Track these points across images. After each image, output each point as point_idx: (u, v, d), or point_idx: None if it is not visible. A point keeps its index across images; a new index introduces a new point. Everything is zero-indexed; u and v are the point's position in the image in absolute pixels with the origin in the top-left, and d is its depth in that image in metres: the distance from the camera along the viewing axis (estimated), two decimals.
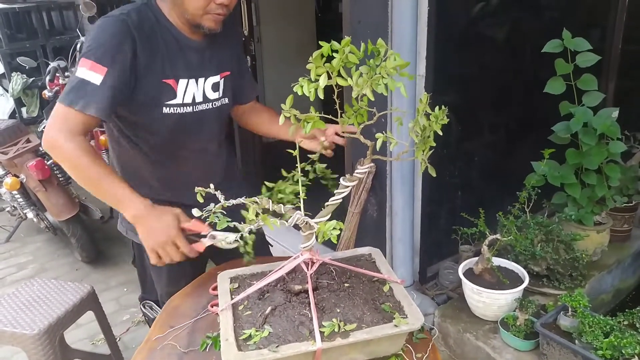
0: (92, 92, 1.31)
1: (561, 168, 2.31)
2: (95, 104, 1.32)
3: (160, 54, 1.42)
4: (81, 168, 1.32)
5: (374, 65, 0.99)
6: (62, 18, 6.08)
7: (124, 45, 1.34)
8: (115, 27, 1.35)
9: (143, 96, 1.41)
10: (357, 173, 1.19)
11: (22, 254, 3.66)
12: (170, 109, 1.47)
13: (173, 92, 1.45)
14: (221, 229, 1.15)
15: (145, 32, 1.39)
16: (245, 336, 1.14)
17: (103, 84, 1.31)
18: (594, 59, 2.24)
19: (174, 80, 1.45)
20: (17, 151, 3.20)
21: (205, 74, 1.52)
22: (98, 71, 1.31)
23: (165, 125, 1.49)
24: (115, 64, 1.33)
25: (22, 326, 1.88)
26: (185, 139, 1.55)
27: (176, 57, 1.45)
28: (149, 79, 1.41)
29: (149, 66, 1.40)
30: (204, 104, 1.53)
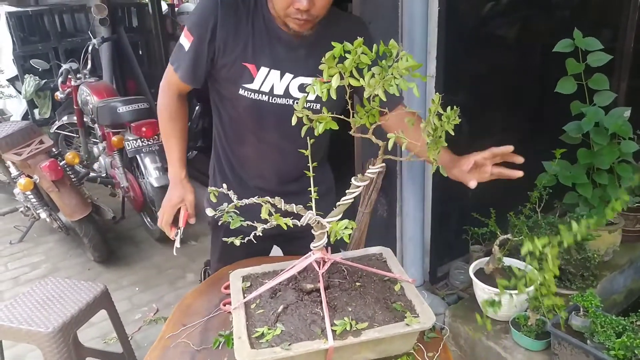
0: (182, 56, 1.49)
1: (572, 168, 2.30)
2: (183, 68, 1.50)
3: (245, 37, 1.45)
4: (161, 120, 1.65)
5: (386, 66, 1.00)
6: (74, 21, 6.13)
7: (207, 21, 1.44)
8: (206, 2, 1.46)
9: (225, 72, 1.50)
10: (368, 173, 1.19)
11: (35, 254, 3.70)
12: (246, 92, 1.49)
13: (251, 76, 1.47)
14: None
15: (233, 13, 1.44)
16: (258, 334, 1.15)
17: (189, 50, 1.47)
18: (605, 58, 2.23)
19: (254, 65, 1.47)
20: (30, 152, 3.24)
21: (295, 72, 1.48)
22: (188, 38, 1.47)
23: (241, 107, 1.54)
24: (198, 35, 1.45)
25: (37, 324, 1.91)
26: (257, 127, 1.56)
27: (263, 45, 1.46)
28: (230, 59, 1.47)
29: (229, 46, 1.45)
30: (284, 98, 1.50)
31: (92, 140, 4.32)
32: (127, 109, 3.45)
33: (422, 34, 1.97)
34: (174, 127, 1.64)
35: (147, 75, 4.98)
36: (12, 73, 5.84)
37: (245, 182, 1.68)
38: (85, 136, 4.36)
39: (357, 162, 2.46)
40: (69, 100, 4.35)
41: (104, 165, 4.04)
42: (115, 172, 3.74)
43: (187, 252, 3.57)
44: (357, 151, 2.42)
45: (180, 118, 1.64)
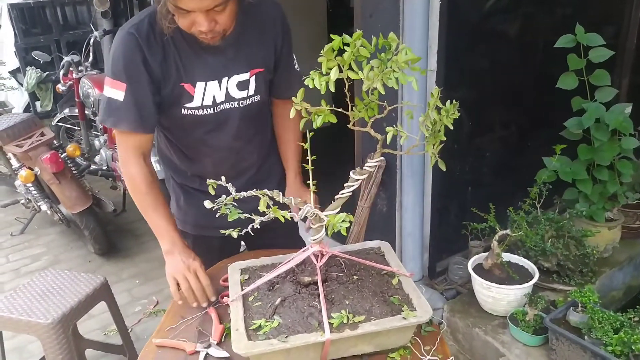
0: (118, 108, 1.39)
1: (573, 164, 2.30)
2: (125, 119, 1.40)
3: (174, 59, 1.41)
4: (137, 194, 1.48)
5: (385, 59, 1.00)
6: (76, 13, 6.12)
7: (135, 60, 1.37)
8: (124, 43, 1.37)
9: (166, 98, 1.46)
10: (366, 167, 1.19)
11: (36, 246, 3.71)
12: (188, 111, 1.48)
13: (189, 95, 1.45)
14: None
15: (154, 41, 1.38)
16: (255, 326, 1.16)
17: (126, 99, 1.38)
18: (607, 54, 2.23)
19: (190, 84, 1.44)
20: (31, 144, 3.25)
21: (230, 73, 1.47)
22: (118, 88, 1.37)
23: (188, 124, 1.52)
24: (131, 78, 1.37)
25: (36, 315, 1.92)
26: (207, 137, 1.55)
27: (191, 61, 1.43)
28: (167, 85, 1.43)
29: (164, 73, 1.41)
30: (227, 102, 1.50)
31: (94, 133, 4.32)
32: None
33: (423, 28, 1.97)
34: (156, 197, 1.49)
35: None
36: (14, 65, 5.85)
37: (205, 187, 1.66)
38: (87, 129, 4.36)
39: (357, 155, 2.46)
40: (70, 92, 4.34)
41: (105, 158, 4.04)
42: (116, 165, 3.75)
43: None
44: (357, 145, 2.42)
45: (157, 184, 1.51)
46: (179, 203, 1.73)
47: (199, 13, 1.26)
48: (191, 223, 1.72)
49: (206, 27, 1.28)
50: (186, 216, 1.72)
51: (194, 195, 1.68)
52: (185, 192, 1.71)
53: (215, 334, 1.30)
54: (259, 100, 1.56)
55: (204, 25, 1.28)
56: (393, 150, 1.24)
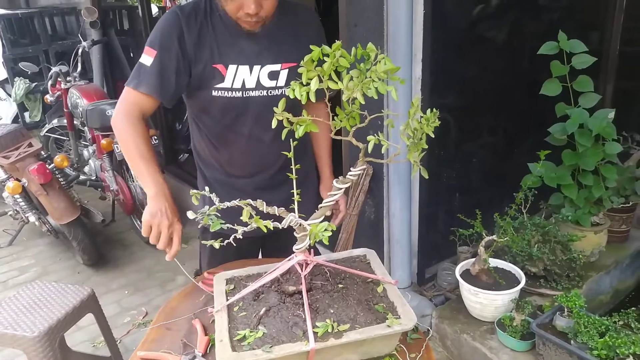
0: (144, 72, 1.49)
1: (558, 169, 2.32)
2: (146, 82, 1.49)
3: (209, 41, 1.51)
4: (124, 141, 1.50)
5: (364, 69, 1.01)
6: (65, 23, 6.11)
7: (171, 33, 1.48)
8: (167, 18, 1.51)
9: (197, 80, 1.54)
10: (349, 175, 1.20)
11: (24, 257, 3.68)
12: (219, 92, 1.54)
13: (221, 76, 1.52)
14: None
15: (194, 22, 1.50)
16: (240, 337, 1.16)
17: (153, 65, 1.48)
18: (590, 60, 2.26)
19: (223, 65, 1.51)
20: (19, 155, 3.22)
21: (262, 62, 1.54)
22: (149, 54, 1.49)
23: (217, 108, 1.59)
24: (163, 48, 1.48)
25: (22, 328, 1.90)
26: (235, 123, 1.61)
27: (227, 44, 1.52)
28: (201, 65, 1.51)
29: (198, 53, 1.50)
30: (256, 90, 1.55)
31: (82, 143, 4.31)
32: None
33: (406, 37, 1.98)
34: (142, 147, 1.49)
35: None
36: (2, 76, 5.82)
37: (232, 187, 1.71)
38: (75, 139, 4.35)
39: (345, 163, 2.47)
40: (59, 103, 4.33)
41: (93, 169, 4.03)
42: (105, 175, 3.73)
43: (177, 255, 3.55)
44: (344, 153, 2.43)
45: (146, 136, 1.52)
46: (205, 198, 1.74)
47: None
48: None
49: (253, 9, 1.39)
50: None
51: (216, 191, 1.69)
52: (212, 187, 1.71)
53: (200, 345, 1.30)
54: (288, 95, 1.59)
55: (252, 7, 1.39)
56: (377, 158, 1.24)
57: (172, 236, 1.47)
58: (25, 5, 6.67)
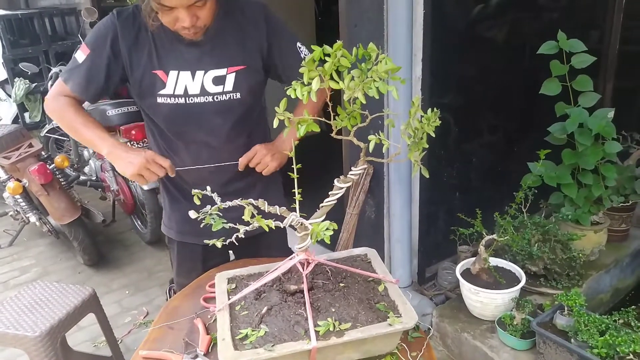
0: (74, 68, 1.52)
1: (557, 168, 2.32)
2: (73, 78, 1.52)
3: (148, 46, 1.49)
4: (65, 119, 1.54)
5: (365, 69, 1.01)
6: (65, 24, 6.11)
7: (105, 34, 1.49)
8: (104, 21, 1.52)
9: (137, 86, 1.54)
10: (350, 175, 1.21)
11: (25, 258, 3.69)
12: (163, 99, 1.53)
13: (162, 82, 1.51)
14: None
15: (131, 25, 1.49)
16: (242, 336, 1.16)
17: (83, 62, 1.50)
18: (589, 60, 2.26)
19: (163, 71, 1.50)
20: (19, 156, 3.23)
21: (204, 67, 1.52)
22: (84, 51, 1.51)
23: (162, 115, 1.58)
24: (95, 48, 1.49)
25: (24, 328, 1.91)
26: (182, 130, 1.59)
27: (166, 50, 1.50)
28: (139, 70, 1.51)
29: (135, 59, 1.50)
30: (201, 96, 1.53)
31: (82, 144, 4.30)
32: (116, 112, 3.45)
33: (406, 37, 1.99)
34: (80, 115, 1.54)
35: None
36: (2, 76, 5.82)
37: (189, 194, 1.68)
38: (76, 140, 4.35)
39: (345, 163, 2.47)
40: None
41: (94, 169, 4.03)
42: (105, 175, 3.74)
43: None
44: (344, 152, 2.44)
45: (81, 108, 1.58)
46: (165, 208, 1.76)
47: (181, 9, 1.35)
48: (175, 229, 1.74)
49: (188, 22, 1.37)
50: (170, 221, 1.74)
51: (178, 200, 1.71)
52: (171, 196, 1.74)
53: (202, 344, 1.30)
54: (239, 98, 1.57)
55: (186, 20, 1.37)
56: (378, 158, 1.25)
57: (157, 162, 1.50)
58: (25, 6, 6.67)
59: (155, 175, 1.50)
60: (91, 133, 1.53)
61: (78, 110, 1.55)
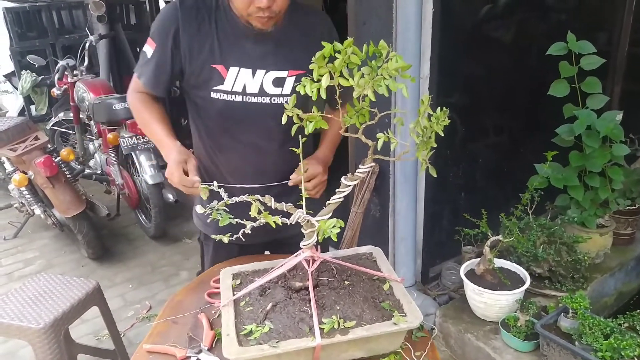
0: (145, 63, 1.51)
1: (564, 170, 2.31)
2: (145, 74, 1.52)
3: (211, 39, 1.44)
4: (138, 114, 1.57)
5: (375, 66, 1.01)
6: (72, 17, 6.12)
7: (168, 27, 1.45)
8: (165, 10, 1.49)
9: (194, 78, 1.49)
10: (358, 173, 1.20)
11: (29, 250, 3.70)
12: (218, 94, 1.48)
13: (221, 77, 1.46)
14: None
15: (195, 17, 1.44)
16: (246, 331, 1.16)
17: (151, 57, 1.49)
18: (598, 61, 2.25)
19: (223, 66, 1.45)
20: (25, 148, 3.24)
21: (267, 67, 1.47)
22: (151, 45, 1.48)
23: (215, 110, 1.53)
24: (160, 41, 1.47)
25: (28, 320, 1.91)
26: (234, 129, 1.54)
27: (229, 44, 1.45)
28: (198, 62, 1.46)
29: (195, 51, 1.45)
30: (258, 96, 1.48)
31: (88, 137, 4.32)
32: (123, 106, 3.45)
33: (415, 35, 1.98)
34: (153, 111, 1.55)
35: None
36: (9, 69, 5.84)
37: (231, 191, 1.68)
38: (81, 133, 4.36)
39: (351, 161, 2.47)
40: (65, 96, 4.34)
41: (99, 162, 4.04)
42: (111, 169, 3.75)
43: (181, 250, 3.57)
44: (350, 150, 2.43)
45: (156, 105, 1.58)
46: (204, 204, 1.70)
47: None
48: (213, 227, 1.71)
49: (265, 2, 1.31)
50: (207, 219, 1.69)
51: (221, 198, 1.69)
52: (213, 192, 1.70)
53: (206, 339, 1.30)
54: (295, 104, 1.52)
55: (264, 0, 1.31)
56: (385, 156, 1.25)
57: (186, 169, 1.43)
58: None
59: (178, 183, 1.42)
60: (158, 132, 1.53)
61: (151, 106, 1.56)
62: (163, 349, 1.31)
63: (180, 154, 1.44)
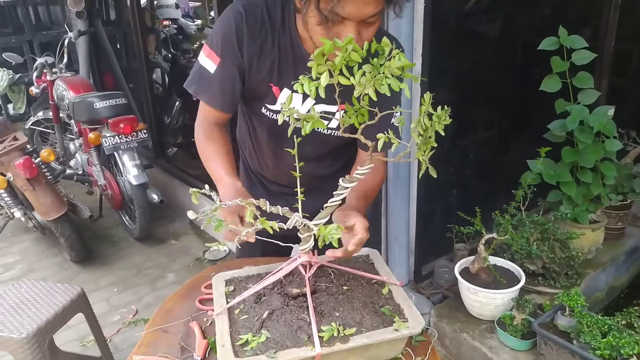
0: (205, 79, 1.38)
1: (557, 166, 2.30)
2: (207, 92, 1.40)
3: (271, 57, 1.36)
4: (202, 151, 1.45)
5: (377, 64, 0.96)
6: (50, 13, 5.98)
7: (232, 38, 1.34)
8: (230, 19, 1.35)
9: (251, 92, 1.43)
10: (356, 174, 1.16)
11: (9, 254, 3.59)
12: (268, 112, 1.44)
13: (274, 97, 1.41)
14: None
15: (259, 31, 1.33)
16: (242, 341, 1.11)
17: (215, 74, 1.36)
18: (590, 56, 2.24)
19: (278, 88, 1.40)
20: (3, 149, 3.13)
21: (317, 99, 1.31)
22: (212, 59, 1.36)
23: (262, 123, 1.50)
24: (225, 55, 1.35)
25: (9, 330, 1.83)
26: (275, 144, 1.52)
27: (287, 66, 1.37)
28: (257, 79, 1.39)
29: (254, 66, 1.37)
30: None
31: (69, 137, 4.21)
32: (104, 105, 3.36)
33: (408, 30, 1.94)
34: (214, 149, 1.43)
35: (125, 69, 4.87)
36: None
37: (266, 185, 1.68)
38: (62, 132, 4.25)
39: None
40: (44, 95, 4.23)
41: (80, 163, 3.94)
42: (93, 169, 3.65)
43: (167, 251, 3.50)
44: None
45: (220, 140, 1.45)
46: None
47: (351, 23, 1.15)
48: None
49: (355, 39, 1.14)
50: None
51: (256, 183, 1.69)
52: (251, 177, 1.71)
53: (199, 349, 1.25)
54: (338, 135, 1.41)
55: (353, 37, 1.11)
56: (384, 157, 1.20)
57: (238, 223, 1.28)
58: None
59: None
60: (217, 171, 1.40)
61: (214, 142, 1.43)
62: (154, 359, 1.25)
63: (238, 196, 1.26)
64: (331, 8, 1.12)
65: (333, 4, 1.10)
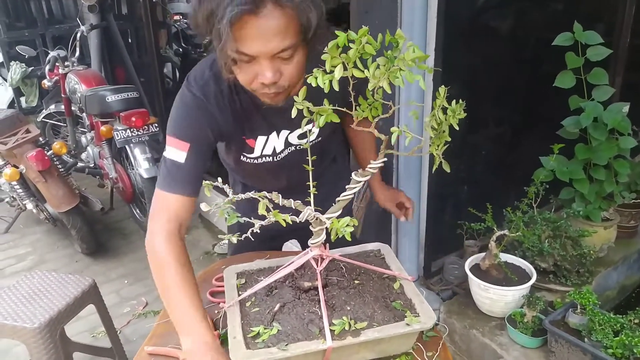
0: (177, 171, 1.29)
1: (570, 163, 2.28)
2: (179, 183, 1.29)
3: (239, 115, 1.35)
4: (165, 272, 1.23)
5: (392, 56, 0.96)
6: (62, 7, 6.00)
7: (200, 121, 1.30)
8: (190, 105, 1.31)
9: (225, 149, 1.49)
10: (369, 168, 1.15)
11: (21, 245, 3.63)
12: (248, 159, 1.47)
13: (250, 148, 1.43)
14: None
15: (222, 104, 1.32)
16: (254, 334, 1.12)
17: (187, 162, 1.29)
18: (605, 52, 2.21)
19: (252, 139, 1.41)
20: (16, 141, 3.16)
21: (290, 127, 1.41)
22: (181, 148, 1.28)
23: (245, 170, 1.56)
24: (195, 139, 1.30)
25: (22, 319, 1.86)
26: (269, 179, 1.56)
27: (254, 116, 1.36)
28: (229, 138, 1.42)
29: (230, 129, 1.36)
30: (286, 150, 1.46)
31: (80, 130, 4.23)
32: (116, 98, 3.37)
33: (421, 25, 1.92)
34: (185, 275, 1.23)
35: (136, 63, 4.89)
36: None
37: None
38: (73, 125, 4.28)
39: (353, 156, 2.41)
40: (56, 88, 4.25)
41: (92, 156, 3.96)
42: (104, 162, 3.68)
43: None
44: None
45: (189, 262, 1.29)
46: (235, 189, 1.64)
47: (262, 60, 1.11)
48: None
49: (270, 77, 1.12)
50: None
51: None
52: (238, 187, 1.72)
53: None
54: (321, 140, 1.50)
55: (268, 74, 1.12)
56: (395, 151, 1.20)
57: None
58: None
59: None
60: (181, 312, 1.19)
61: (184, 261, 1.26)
62: (165, 351, 1.26)
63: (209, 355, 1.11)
64: (236, 49, 1.09)
65: (236, 44, 1.08)
